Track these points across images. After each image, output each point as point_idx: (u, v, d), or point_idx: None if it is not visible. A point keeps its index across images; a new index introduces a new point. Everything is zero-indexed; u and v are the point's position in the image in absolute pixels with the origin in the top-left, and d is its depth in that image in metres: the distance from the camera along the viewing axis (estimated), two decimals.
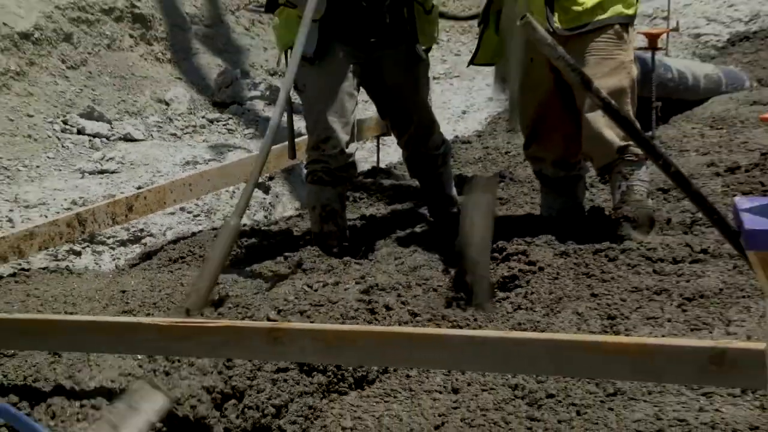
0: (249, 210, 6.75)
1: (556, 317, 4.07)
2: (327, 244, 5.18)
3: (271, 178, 6.92)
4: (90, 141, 7.56)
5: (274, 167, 6.69)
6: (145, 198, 5.70)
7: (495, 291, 4.39)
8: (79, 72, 8.23)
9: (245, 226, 6.13)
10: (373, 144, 7.47)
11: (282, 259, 5.21)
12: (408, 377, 3.72)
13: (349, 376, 3.72)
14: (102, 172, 7.04)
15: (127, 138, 7.68)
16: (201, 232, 6.14)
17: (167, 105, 8.39)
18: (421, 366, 3.64)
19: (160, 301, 4.31)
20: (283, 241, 5.58)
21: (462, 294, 4.35)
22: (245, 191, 4.56)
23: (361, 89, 5.42)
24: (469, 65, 5.38)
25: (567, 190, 5.28)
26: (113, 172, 7.04)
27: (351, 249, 5.28)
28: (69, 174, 7.00)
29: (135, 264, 5.73)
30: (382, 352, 3.44)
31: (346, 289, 4.28)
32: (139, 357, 3.70)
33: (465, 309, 4.20)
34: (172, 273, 5.07)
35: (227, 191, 6.74)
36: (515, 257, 4.73)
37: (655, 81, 6.44)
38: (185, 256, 5.53)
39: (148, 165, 7.16)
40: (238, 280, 4.70)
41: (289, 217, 6.36)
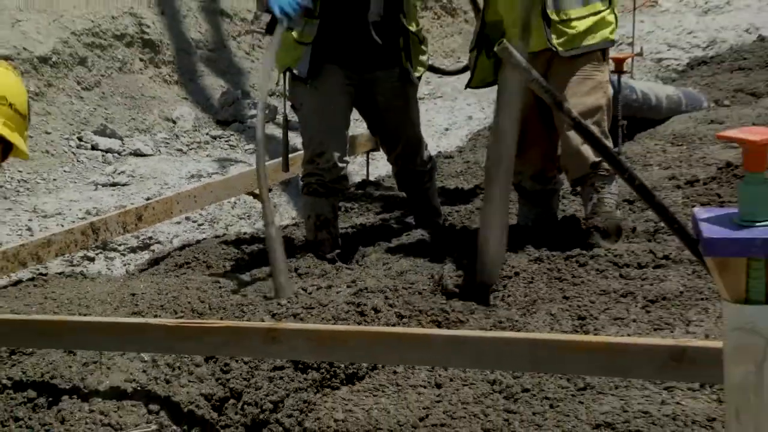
0: (248, 219, 6.75)
1: (531, 317, 4.07)
2: (321, 250, 5.17)
3: (270, 189, 6.90)
4: (103, 156, 7.55)
5: (271, 180, 6.67)
6: (154, 208, 5.69)
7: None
8: (93, 93, 8.22)
9: (245, 234, 6.13)
10: (364, 158, 7.46)
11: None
12: (395, 373, 3.71)
13: (341, 372, 3.71)
14: (114, 184, 7.03)
15: (137, 153, 7.67)
16: (205, 239, 6.13)
17: (174, 123, 8.38)
18: (407, 363, 3.64)
19: (166, 304, 4.30)
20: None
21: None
22: (264, 203, 4.66)
23: (353, 107, 5.41)
24: (467, 88, 5.35)
25: (542, 201, 5.29)
26: (124, 184, 7.03)
27: (343, 255, 5.27)
28: (83, 186, 6.99)
29: (144, 269, 5.72)
30: (371, 350, 3.44)
31: (338, 293, 4.27)
32: (145, 360, 3.69)
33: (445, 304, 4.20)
34: (178, 277, 5.06)
35: (229, 202, 6.73)
36: None
37: (621, 101, 6.45)
38: (190, 261, 5.52)
39: (156, 178, 7.15)
40: (239, 283, 4.69)
41: (286, 226, 6.34)
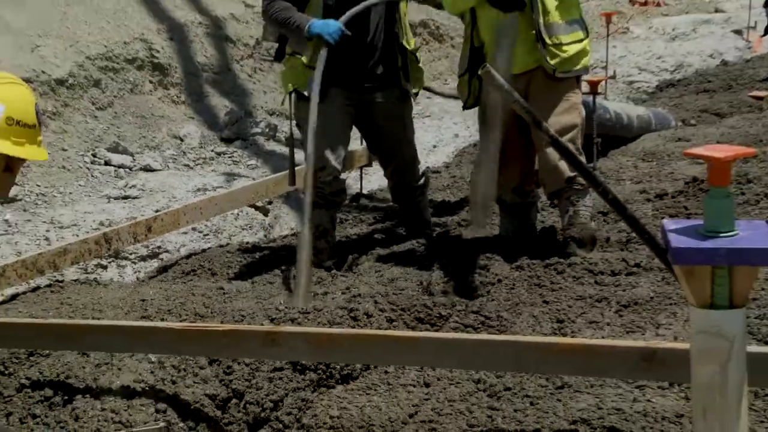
0: (250, 229, 6.74)
1: (513, 321, 4.06)
2: (318, 258, 5.15)
3: (270, 202, 6.90)
4: (115, 171, 7.54)
5: (273, 193, 6.68)
6: (162, 220, 5.69)
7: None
8: (107, 112, 8.21)
9: (247, 243, 6.12)
10: (358, 173, 7.46)
11: (279, 273, 5.20)
12: (386, 373, 3.71)
13: (336, 373, 3.70)
14: (125, 197, 7.02)
15: (147, 168, 7.66)
16: (210, 248, 6.12)
17: (181, 140, 8.37)
18: (398, 364, 3.63)
19: (174, 309, 4.29)
20: (281, 257, 5.56)
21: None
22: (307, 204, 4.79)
23: (353, 126, 5.42)
24: (464, 110, 5.33)
25: (522, 214, 5.29)
26: (135, 197, 7.02)
27: (338, 263, 5.26)
28: (97, 199, 6.98)
29: (153, 276, 5.71)
30: (364, 352, 3.43)
31: (333, 299, 4.26)
32: (152, 362, 3.68)
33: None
34: (185, 284, 5.05)
35: (232, 214, 6.73)
36: (477, 270, 4.72)
37: (596, 121, 6.46)
38: (196, 269, 5.51)
39: (164, 191, 7.14)
40: (240, 290, 4.68)
41: (286, 236, 6.34)
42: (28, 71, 7.70)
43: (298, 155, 5.64)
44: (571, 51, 4.87)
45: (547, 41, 4.80)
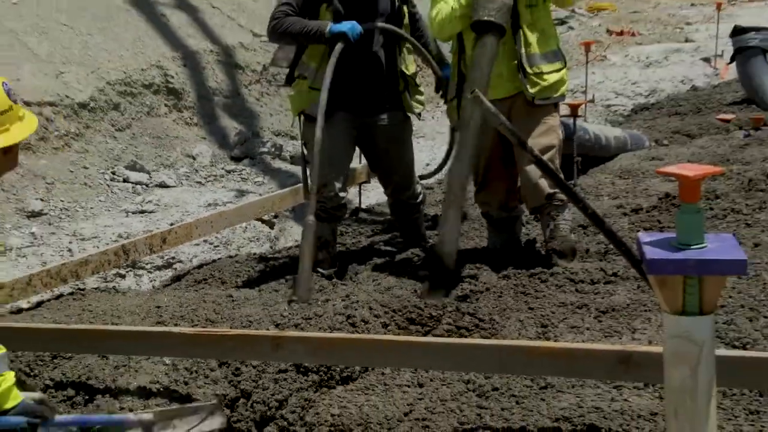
0: (258, 241, 6.73)
1: (503, 324, 4.06)
2: (320, 267, 5.14)
3: (276, 216, 6.90)
4: (133, 187, 7.54)
5: (278, 207, 6.68)
6: (176, 232, 5.68)
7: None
8: (125, 133, 8.22)
9: (255, 254, 6.11)
10: (357, 189, 7.46)
11: (284, 281, 5.19)
12: (383, 374, 3.70)
13: (336, 374, 3.69)
14: (142, 212, 7.02)
15: (162, 185, 7.66)
16: (220, 259, 6.11)
17: (194, 159, 8.37)
18: (393, 366, 3.63)
19: (186, 315, 4.28)
20: (285, 267, 5.55)
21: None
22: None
23: (356, 146, 5.41)
24: (454, 132, 5.33)
25: (507, 228, 5.28)
26: (151, 212, 7.02)
27: (339, 272, 5.26)
28: (116, 213, 6.98)
29: (167, 285, 5.70)
30: (362, 355, 3.43)
31: (333, 305, 4.26)
32: (167, 364, 3.67)
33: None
34: (197, 292, 5.04)
35: (241, 227, 6.72)
36: (467, 280, 4.72)
37: (576, 141, 6.47)
38: (207, 278, 5.51)
39: (178, 206, 7.14)
40: (248, 297, 4.68)
41: (290, 248, 6.33)
42: (52, 96, 7.71)
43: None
44: (551, 80, 4.89)
45: (528, 71, 4.82)
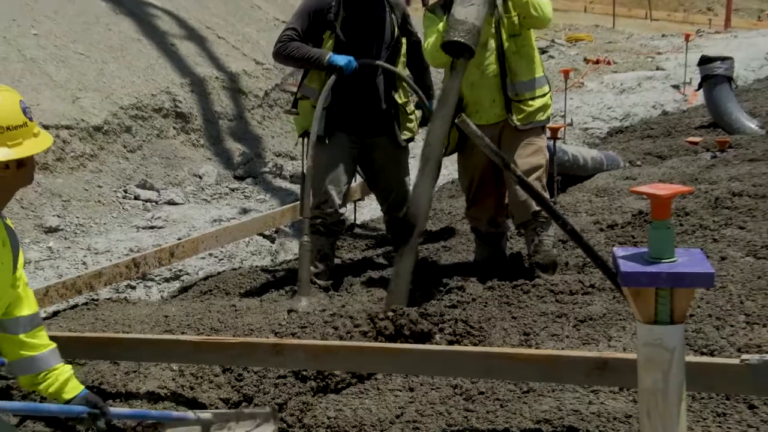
0: (259, 255, 6.72)
1: (489, 332, 4.05)
2: (318, 278, 5.12)
3: (277, 231, 6.89)
4: (143, 205, 7.52)
5: (279, 223, 6.67)
6: (183, 246, 5.67)
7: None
8: (136, 154, 8.21)
9: (257, 267, 6.10)
10: (352, 206, 7.45)
11: (284, 292, 5.18)
12: (376, 379, 3.69)
13: (332, 383, 3.68)
14: (152, 227, 7.00)
15: (171, 202, 7.65)
16: (224, 271, 6.10)
17: (200, 178, 8.36)
18: (386, 371, 3.62)
19: (192, 324, 4.27)
20: (285, 279, 5.54)
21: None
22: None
23: (356, 165, 5.40)
24: (445, 156, 5.26)
25: (494, 242, 5.28)
26: (160, 227, 7.00)
27: (335, 284, 5.24)
28: (128, 229, 6.96)
29: (175, 296, 5.68)
30: (356, 361, 3.42)
31: (332, 315, 4.25)
32: (174, 370, 3.66)
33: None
34: (202, 302, 5.02)
35: (244, 241, 6.71)
36: (455, 290, 4.71)
37: (556, 162, 6.48)
38: (212, 289, 5.50)
39: (185, 222, 7.13)
40: (250, 307, 4.67)
41: (289, 261, 6.32)
42: (69, 119, 7.71)
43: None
44: (536, 105, 4.89)
45: (513, 99, 4.83)
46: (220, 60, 9.99)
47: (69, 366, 2.93)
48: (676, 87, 13.19)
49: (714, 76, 9.81)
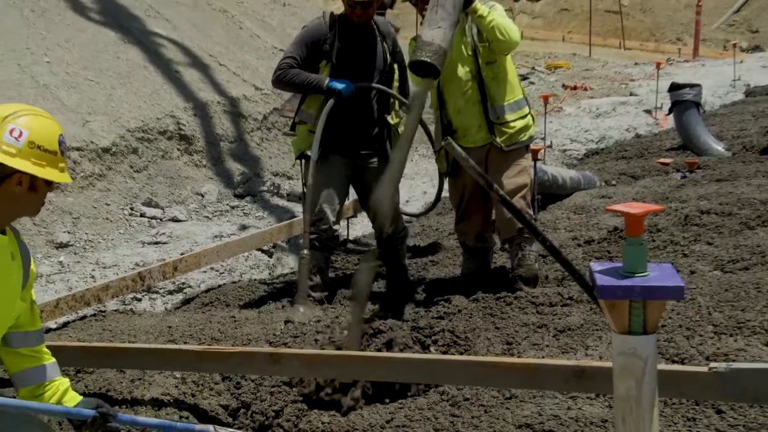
0: (258, 269, 6.70)
1: (474, 342, 4.05)
2: (313, 290, 5.10)
3: (274, 246, 6.88)
4: (149, 221, 7.50)
5: (276, 239, 6.66)
6: (186, 261, 5.66)
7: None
8: (142, 174, 8.19)
9: (255, 280, 6.09)
10: (345, 223, 7.45)
11: (280, 305, 5.16)
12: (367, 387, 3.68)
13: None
14: (157, 243, 6.98)
15: (174, 219, 7.63)
16: (224, 284, 6.08)
17: (202, 196, 8.34)
18: (376, 379, 3.61)
19: (194, 334, 4.25)
20: (281, 291, 5.54)
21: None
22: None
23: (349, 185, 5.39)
24: (445, 176, 5.25)
25: (481, 256, 5.28)
26: (164, 243, 6.98)
27: (329, 296, 5.23)
28: (134, 244, 6.94)
29: (178, 307, 5.66)
30: (348, 369, 3.41)
31: (327, 326, 4.24)
32: (177, 377, 3.64)
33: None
34: (204, 313, 5.01)
35: (243, 256, 6.70)
36: (442, 302, 4.71)
37: (537, 181, 6.49)
38: (213, 301, 5.48)
39: (188, 238, 7.11)
40: (248, 318, 4.65)
41: (286, 274, 6.31)
42: (79, 141, 7.69)
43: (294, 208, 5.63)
44: (517, 126, 4.91)
45: (495, 122, 4.85)
46: (221, 86, 10.00)
47: (67, 379, 2.91)
48: (648, 112, 13.25)
49: (683, 101, 9.87)
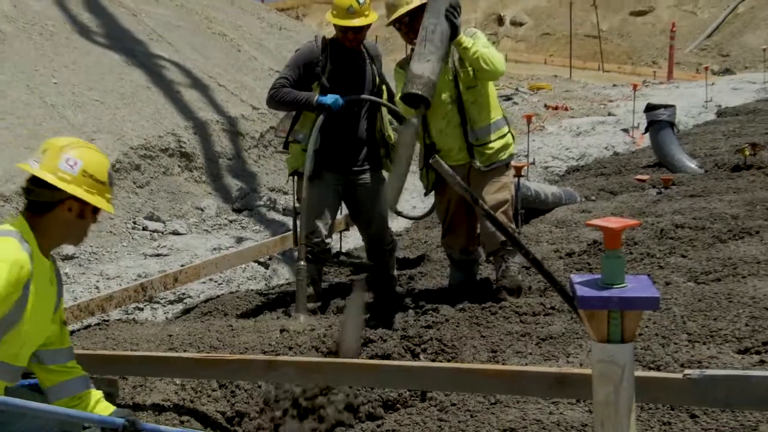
0: (255, 280, 6.69)
1: (461, 350, 4.04)
2: (308, 300, 5.09)
3: (270, 258, 6.87)
4: (150, 235, 7.48)
5: (272, 251, 6.65)
6: (186, 272, 5.65)
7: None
8: (145, 190, 8.18)
9: (252, 290, 6.07)
10: (337, 236, 7.44)
11: (275, 315, 5.15)
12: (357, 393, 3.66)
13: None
14: (158, 255, 6.96)
15: (175, 233, 7.61)
16: (223, 295, 6.07)
17: (202, 211, 8.33)
18: (366, 385, 3.60)
19: (194, 342, 4.24)
20: (277, 301, 5.52)
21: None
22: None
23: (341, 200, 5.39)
24: (426, 195, 5.27)
25: (467, 268, 5.28)
26: (165, 255, 6.97)
27: (322, 306, 5.22)
28: (136, 257, 6.92)
29: (178, 317, 5.65)
30: (340, 376, 3.41)
31: (319, 336, 4.23)
32: (177, 384, 3.63)
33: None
34: (203, 323, 4.99)
35: (241, 268, 6.69)
36: (430, 312, 4.70)
37: (520, 197, 6.50)
38: (212, 311, 5.46)
39: (188, 250, 7.09)
40: (245, 327, 4.64)
41: (281, 285, 6.30)
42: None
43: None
44: (496, 146, 4.91)
45: (474, 144, 4.86)
46: (220, 105, 10.00)
47: (99, 391, 2.97)
48: (625, 131, 13.32)
49: (658, 121, 9.94)
